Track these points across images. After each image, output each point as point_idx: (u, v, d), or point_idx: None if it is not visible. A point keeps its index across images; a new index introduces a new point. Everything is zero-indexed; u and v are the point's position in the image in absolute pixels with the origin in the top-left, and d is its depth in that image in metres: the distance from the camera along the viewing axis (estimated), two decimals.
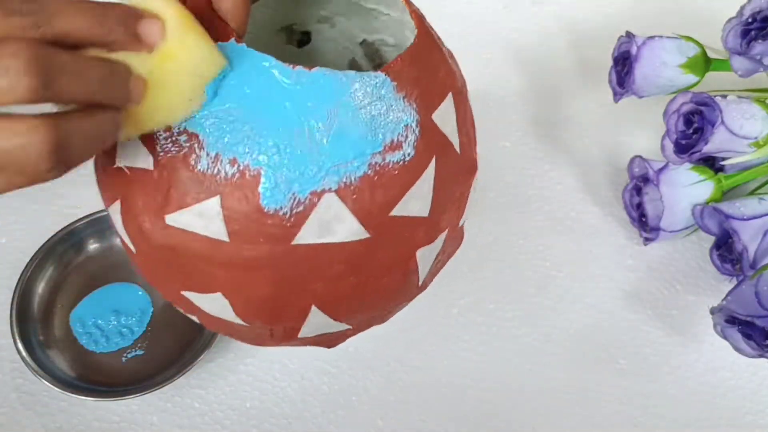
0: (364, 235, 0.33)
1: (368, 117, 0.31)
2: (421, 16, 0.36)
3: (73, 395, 0.48)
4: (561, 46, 0.71)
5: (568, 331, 0.55)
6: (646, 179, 0.56)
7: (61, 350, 0.51)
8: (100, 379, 0.50)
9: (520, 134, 0.65)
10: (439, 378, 0.53)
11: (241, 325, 0.36)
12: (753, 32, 0.54)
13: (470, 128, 0.38)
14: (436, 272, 0.40)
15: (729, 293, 0.49)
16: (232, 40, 0.31)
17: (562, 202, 0.61)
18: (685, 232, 0.56)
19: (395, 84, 0.32)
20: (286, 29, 0.46)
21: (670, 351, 0.55)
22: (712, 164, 0.56)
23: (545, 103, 0.67)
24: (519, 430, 0.51)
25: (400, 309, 0.41)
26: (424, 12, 0.37)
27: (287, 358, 0.53)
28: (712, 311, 0.50)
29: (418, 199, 0.34)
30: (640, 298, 0.57)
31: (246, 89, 0.31)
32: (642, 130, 0.65)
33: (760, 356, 0.48)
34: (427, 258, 0.37)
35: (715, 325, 0.50)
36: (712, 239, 0.55)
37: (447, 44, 0.38)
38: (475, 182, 0.39)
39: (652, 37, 0.57)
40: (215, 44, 0.30)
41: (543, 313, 0.56)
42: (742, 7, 0.55)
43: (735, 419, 0.52)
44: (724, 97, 0.53)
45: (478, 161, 0.39)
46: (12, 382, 0.51)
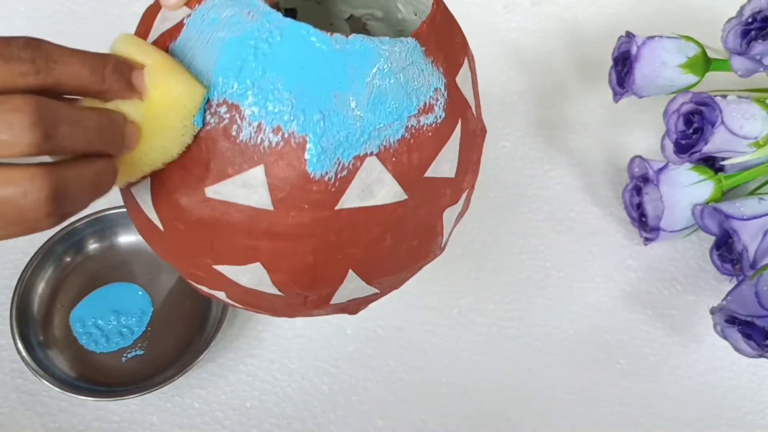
0: (403, 196, 0.34)
1: (403, 81, 0.32)
2: None
3: (73, 395, 0.48)
4: (561, 46, 0.71)
5: (568, 331, 0.55)
6: (646, 179, 0.56)
7: (61, 350, 0.51)
8: (100, 379, 0.50)
9: (520, 134, 0.65)
10: (439, 378, 0.53)
11: (275, 295, 0.36)
12: (753, 32, 0.54)
13: (477, 92, 0.40)
14: (451, 234, 0.41)
15: (729, 293, 0.49)
16: (272, 10, 0.32)
17: (562, 202, 0.61)
18: (685, 232, 0.56)
19: (424, 49, 0.33)
20: (272, 7, 0.46)
21: (670, 351, 0.55)
22: (712, 164, 0.56)
23: (545, 103, 0.67)
24: (519, 430, 0.51)
25: (420, 270, 0.42)
26: None
27: (287, 358, 0.53)
28: (712, 311, 0.50)
29: (447, 161, 0.35)
30: (640, 298, 0.57)
31: (286, 57, 0.31)
32: (642, 130, 0.65)
33: (760, 356, 0.48)
34: (451, 218, 0.38)
35: (715, 325, 0.50)
36: (712, 239, 0.55)
37: None
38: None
39: (652, 37, 0.57)
40: (194, 77, 0.31)
41: (543, 313, 0.56)
42: (742, 7, 0.55)
43: (735, 419, 0.52)
44: (724, 97, 0.53)
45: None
46: (12, 382, 0.51)
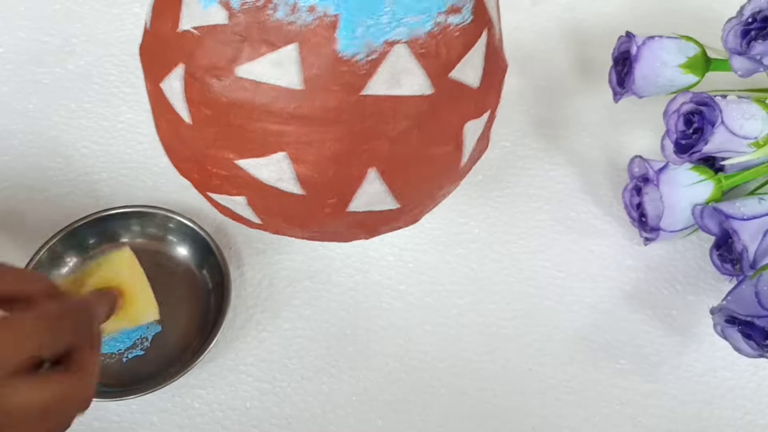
0: (429, 90, 0.35)
1: None
2: None
3: None
4: (561, 46, 0.71)
5: (568, 331, 0.55)
6: (646, 179, 0.56)
7: None
8: (100, 379, 0.50)
9: (520, 134, 0.65)
10: (439, 378, 0.53)
11: (295, 195, 0.37)
12: (753, 32, 0.54)
13: (500, 27, 0.41)
14: (473, 162, 0.42)
15: (729, 293, 0.49)
16: None
17: (562, 202, 0.61)
18: (685, 232, 0.56)
19: None
20: None
21: (670, 351, 0.55)
22: (712, 164, 0.56)
23: (545, 103, 0.67)
24: (519, 430, 0.51)
25: (443, 195, 0.43)
26: None
27: (287, 357, 0.53)
28: (712, 311, 0.50)
29: (473, 67, 0.36)
30: (640, 298, 0.57)
31: None
32: (642, 130, 0.65)
33: (760, 356, 0.48)
34: (471, 135, 0.39)
35: (715, 325, 0.50)
36: (712, 239, 0.55)
37: None
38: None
39: (652, 37, 0.57)
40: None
41: (543, 313, 0.56)
42: (742, 7, 0.55)
43: (735, 419, 0.52)
44: (724, 97, 0.53)
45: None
46: None
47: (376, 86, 0.33)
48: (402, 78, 0.34)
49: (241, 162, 0.36)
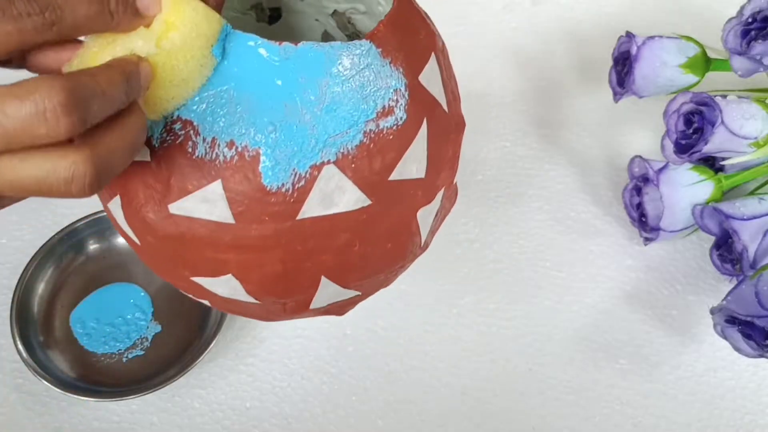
0: (366, 202, 0.33)
1: (358, 86, 0.32)
2: None
3: (73, 395, 0.48)
4: (561, 46, 0.71)
5: (568, 331, 0.55)
6: (646, 179, 0.56)
7: (62, 351, 0.51)
8: (100, 379, 0.50)
9: (520, 134, 0.65)
10: (439, 378, 0.53)
11: (253, 303, 0.37)
12: (753, 32, 0.54)
13: (454, 86, 0.39)
14: (435, 231, 0.41)
15: (729, 293, 0.49)
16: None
17: (562, 202, 0.61)
18: (685, 232, 0.56)
19: (380, 50, 0.32)
20: (256, 7, 0.46)
21: (670, 351, 0.55)
22: (712, 164, 0.56)
23: (545, 103, 0.67)
24: (519, 430, 0.51)
25: (404, 270, 0.41)
26: None
27: (287, 357, 0.53)
28: (712, 311, 0.50)
29: (414, 162, 0.35)
30: (640, 298, 0.57)
31: (235, 70, 0.31)
32: (642, 130, 0.65)
33: (760, 356, 0.48)
34: (427, 218, 0.38)
35: (715, 325, 0.50)
36: (712, 239, 0.55)
37: (447, 44, 0.38)
38: (467, 122, 0.40)
39: (652, 37, 0.57)
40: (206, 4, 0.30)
41: (543, 313, 0.56)
42: (742, 7, 0.55)
43: (735, 419, 0.52)
44: (724, 97, 0.53)
45: (464, 118, 0.40)
46: (12, 382, 0.51)
47: (310, 210, 0.32)
48: (335, 197, 0.33)
49: (196, 279, 0.36)
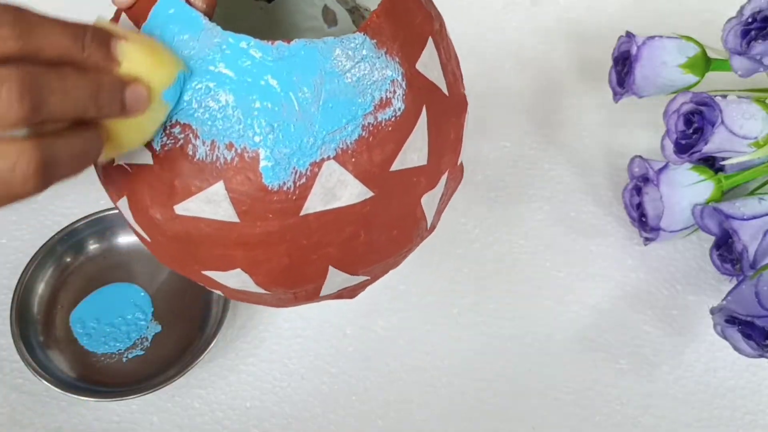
0: (369, 194, 0.34)
1: (354, 79, 0.32)
2: None
3: (73, 395, 0.48)
4: (561, 46, 0.71)
5: (568, 331, 0.55)
6: (646, 179, 0.56)
7: (62, 350, 0.51)
8: (100, 379, 0.50)
9: (520, 134, 0.65)
10: (439, 378, 0.53)
11: (264, 293, 0.37)
12: (753, 32, 0.54)
13: (455, 66, 0.38)
14: (442, 211, 0.41)
15: (729, 293, 0.49)
16: (206, 23, 0.31)
17: (562, 202, 0.61)
18: (685, 232, 0.56)
19: (375, 41, 0.32)
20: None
21: (670, 351, 0.55)
22: (712, 164, 0.56)
23: (545, 103, 0.67)
24: (519, 429, 0.51)
25: (413, 249, 0.41)
26: None
27: (287, 357, 0.53)
28: (712, 311, 0.50)
29: (415, 150, 0.35)
30: (640, 298, 0.57)
31: (229, 72, 0.31)
32: (642, 130, 0.65)
33: (760, 356, 0.48)
34: (431, 202, 0.38)
35: (715, 325, 0.50)
36: (712, 239, 0.55)
37: None
38: (468, 118, 0.39)
39: (652, 37, 0.57)
40: (169, 52, 0.31)
41: (543, 313, 0.56)
42: (742, 7, 0.55)
43: (735, 419, 0.52)
44: (724, 97, 0.53)
45: (467, 97, 0.39)
46: (12, 382, 0.51)
47: (312, 206, 0.33)
48: (337, 191, 0.33)
49: (207, 272, 0.36)
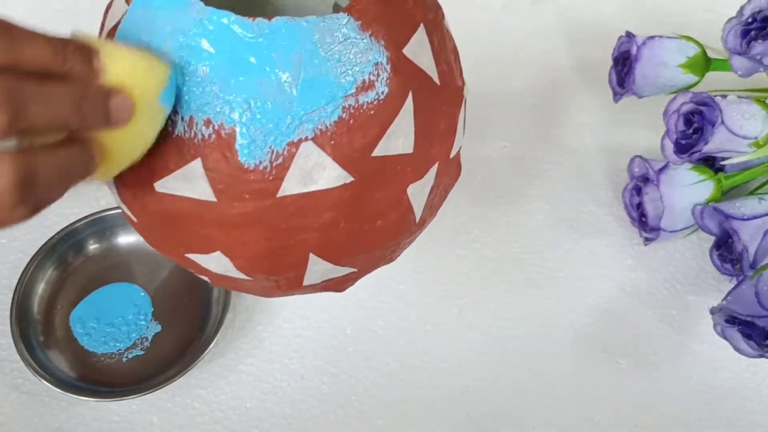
0: (348, 179, 0.33)
1: (336, 60, 0.31)
2: None
3: (73, 395, 0.48)
4: (561, 46, 0.71)
5: (568, 331, 0.55)
6: (646, 179, 0.56)
7: (62, 350, 0.51)
8: (100, 379, 0.50)
9: (520, 134, 0.65)
10: (439, 378, 0.53)
11: (246, 279, 0.37)
12: (753, 32, 0.54)
13: (451, 56, 0.37)
14: (435, 207, 0.40)
15: (729, 293, 0.49)
16: (195, 1, 0.31)
17: (562, 202, 0.61)
18: (685, 232, 0.56)
19: (360, 23, 0.32)
20: None
21: (670, 351, 0.55)
22: (712, 164, 0.56)
23: (545, 103, 0.67)
24: (519, 430, 0.51)
25: (404, 248, 0.40)
26: None
27: (287, 357, 0.53)
28: (712, 311, 0.50)
29: (400, 137, 0.34)
30: (640, 298, 0.57)
31: (210, 48, 0.31)
32: (642, 130, 0.65)
33: (760, 356, 0.48)
34: (419, 194, 0.37)
35: (715, 325, 0.50)
36: (712, 239, 0.55)
37: None
38: (467, 117, 0.39)
39: (652, 37, 0.57)
40: (154, 56, 0.30)
41: (543, 313, 0.56)
42: (742, 7, 0.55)
43: (735, 419, 0.52)
44: (724, 97, 0.53)
45: (464, 90, 0.38)
46: (12, 382, 0.51)
47: (290, 187, 0.32)
48: (315, 174, 0.32)
49: (190, 255, 0.36)
